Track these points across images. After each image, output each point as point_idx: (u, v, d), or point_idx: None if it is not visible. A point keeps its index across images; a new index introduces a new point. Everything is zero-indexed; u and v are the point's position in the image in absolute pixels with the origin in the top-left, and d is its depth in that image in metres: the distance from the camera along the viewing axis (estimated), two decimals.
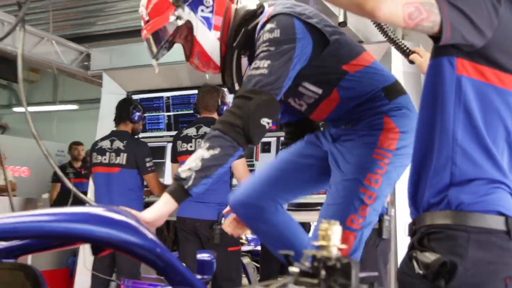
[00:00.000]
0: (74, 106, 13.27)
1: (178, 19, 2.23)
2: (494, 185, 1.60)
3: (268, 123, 2.09)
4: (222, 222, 4.55)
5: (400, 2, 1.49)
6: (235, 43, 2.30)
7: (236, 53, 2.32)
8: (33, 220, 1.58)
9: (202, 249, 4.47)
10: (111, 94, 6.07)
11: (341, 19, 3.90)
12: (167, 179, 5.49)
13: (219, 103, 4.87)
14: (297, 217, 4.80)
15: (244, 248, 6.10)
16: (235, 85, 2.38)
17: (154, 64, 2.42)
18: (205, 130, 4.73)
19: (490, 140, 1.60)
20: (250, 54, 2.34)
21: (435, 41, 1.59)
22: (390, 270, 4.28)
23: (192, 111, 5.57)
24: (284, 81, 2.14)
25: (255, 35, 2.25)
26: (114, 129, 5.30)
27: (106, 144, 5.15)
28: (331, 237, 1.22)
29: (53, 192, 9.03)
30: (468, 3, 1.52)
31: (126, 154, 5.04)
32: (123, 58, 6.19)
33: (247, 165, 4.93)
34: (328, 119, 2.53)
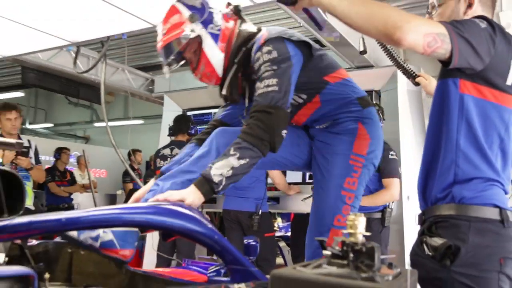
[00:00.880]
0: (141, 121, 13.41)
1: (192, 32, 2.17)
2: (490, 183, 1.66)
3: (285, 134, 2.06)
4: (259, 213, 4.60)
5: (421, 33, 1.52)
6: (237, 59, 2.25)
7: (235, 68, 2.27)
8: (125, 212, 1.63)
9: (244, 235, 4.50)
10: (170, 111, 6.15)
11: (361, 49, 3.88)
12: None
13: None
14: None
15: (277, 234, 6.10)
16: (225, 91, 2.30)
17: (165, 71, 2.32)
18: None
19: (486, 146, 1.66)
20: (244, 70, 2.30)
21: (444, 65, 1.62)
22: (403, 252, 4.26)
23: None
24: (289, 95, 2.11)
25: (252, 54, 2.22)
26: (172, 139, 5.34)
27: (167, 151, 5.17)
28: (358, 226, 1.24)
29: (126, 189, 9.20)
30: (472, 35, 1.57)
31: None
32: (180, 83, 6.27)
33: None
34: (307, 122, 2.46)
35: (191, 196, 1.83)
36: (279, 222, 7.97)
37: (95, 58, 5.25)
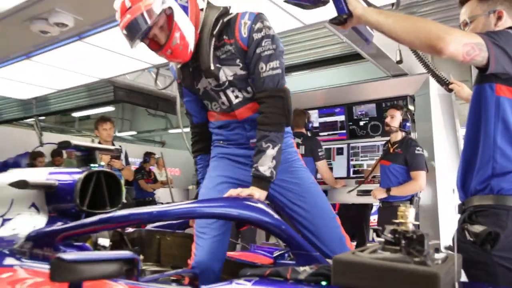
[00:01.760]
0: None
1: (163, 4, 1.81)
2: None
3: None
4: None
5: (460, 43, 1.48)
6: (215, 31, 1.92)
7: (214, 40, 1.94)
8: (207, 206, 1.65)
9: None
10: None
11: (398, 59, 3.79)
12: None
13: (306, 121, 4.82)
14: (361, 200, 4.82)
15: None
16: (211, 65, 1.95)
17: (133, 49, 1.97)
18: (297, 140, 4.71)
19: None
20: (220, 41, 1.98)
21: (481, 71, 1.58)
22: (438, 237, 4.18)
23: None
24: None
25: (238, 26, 1.92)
26: None
27: None
28: (408, 216, 1.21)
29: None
30: (507, 43, 1.54)
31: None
32: None
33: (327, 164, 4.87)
34: (250, 118, 2.06)
35: (257, 192, 1.79)
36: None
37: (171, 78, 5.37)
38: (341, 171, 5.14)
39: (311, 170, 4.63)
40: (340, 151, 5.24)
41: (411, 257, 1.19)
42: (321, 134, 5.33)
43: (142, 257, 1.59)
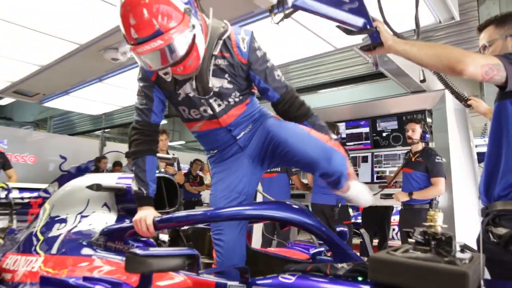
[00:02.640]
0: None
1: (193, 27, 1.58)
2: None
3: None
4: (339, 206, 4.50)
5: (479, 64, 1.45)
6: (216, 52, 1.74)
7: (213, 59, 1.74)
8: (255, 209, 1.63)
9: (327, 223, 4.41)
10: None
11: (421, 78, 3.71)
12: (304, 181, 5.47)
13: (335, 133, 4.76)
14: (384, 202, 4.73)
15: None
16: (210, 83, 1.76)
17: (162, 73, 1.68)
18: None
19: None
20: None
21: (501, 89, 1.54)
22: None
23: None
24: None
25: (235, 43, 1.75)
26: None
27: None
28: (437, 220, 1.18)
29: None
30: None
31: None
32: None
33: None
34: (231, 125, 1.89)
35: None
36: (350, 212, 7.80)
37: None
38: (366, 177, 5.07)
39: None
40: (365, 159, 5.17)
41: (441, 257, 1.16)
42: (348, 144, 5.27)
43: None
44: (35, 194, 3.88)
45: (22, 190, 4.12)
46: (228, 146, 1.94)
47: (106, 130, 9.88)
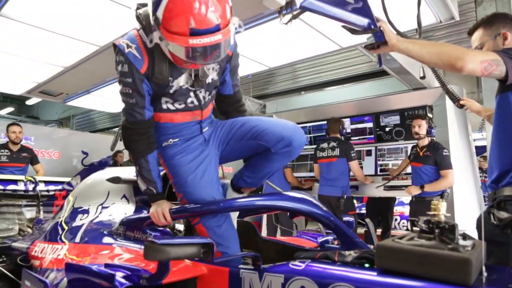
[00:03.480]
0: None
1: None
2: None
3: None
4: (344, 197, 4.47)
5: (477, 61, 1.44)
6: None
7: None
8: (266, 199, 1.63)
9: (333, 214, 4.37)
10: None
11: (421, 75, 3.66)
12: (304, 174, 5.44)
13: (340, 128, 4.75)
14: (387, 194, 4.69)
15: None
16: (208, 75, 1.70)
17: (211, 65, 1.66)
18: (333, 144, 4.65)
19: None
20: None
21: (502, 82, 1.53)
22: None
23: (323, 133, 5.51)
24: None
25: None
26: None
27: None
28: (440, 209, 1.16)
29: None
30: None
31: None
32: (284, 106, 6.27)
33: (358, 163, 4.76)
34: (208, 116, 1.86)
35: None
36: (355, 203, 7.75)
37: None
38: (369, 170, 5.03)
39: (345, 168, 4.58)
40: (369, 153, 5.13)
41: (445, 244, 1.14)
42: (352, 138, 5.23)
43: None
44: (60, 187, 3.92)
45: (47, 183, 4.16)
46: (193, 136, 1.82)
47: None
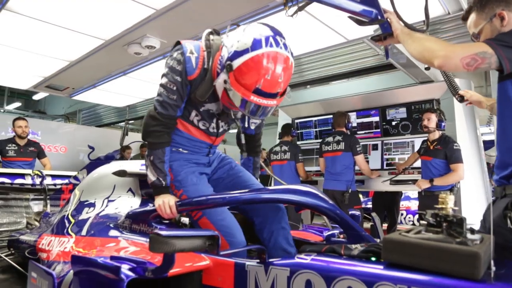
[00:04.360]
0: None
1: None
2: None
3: None
4: (349, 191, 4.46)
5: (458, 57, 1.36)
6: None
7: None
8: (271, 192, 1.62)
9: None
10: (283, 120, 6.14)
11: (426, 66, 3.63)
12: (315, 168, 5.42)
13: (346, 122, 4.71)
14: (393, 188, 4.66)
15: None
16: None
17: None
18: (338, 138, 4.62)
19: None
20: None
21: (500, 72, 1.41)
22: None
23: (329, 127, 5.49)
24: None
25: None
26: (280, 139, 5.27)
27: (277, 148, 5.11)
28: (448, 202, 1.14)
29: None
30: None
31: (289, 153, 4.99)
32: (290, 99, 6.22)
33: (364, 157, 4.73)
34: (216, 145, 2.05)
35: None
36: (361, 197, 7.73)
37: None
38: (376, 164, 5.00)
39: (350, 163, 4.56)
40: (375, 147, 5.10)
41: (452, 238, 1.12)
42: (358, 132, 5.20)
43: None
44: (66, 181, 3.94)
45: (54, 177, 4.19)
46: (201, 155, 1.97)
47: (130, 122, 9.95)
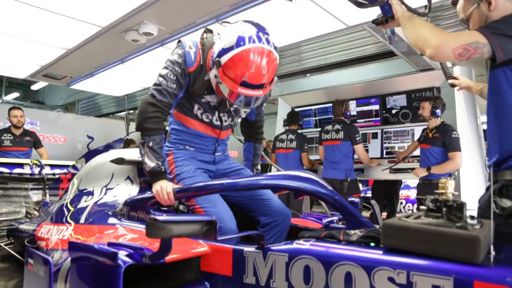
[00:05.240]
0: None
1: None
2: None
3: None
4: (348, 180, 4.45)
5: (450, 48, 1.34)
6: None
7: None
8: (270, 178, 1.61)
9: None
10: (283, 109, 6.12)
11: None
12: (315, 156, 5.41)
13: (344, 110, 4.68)
14: (393, 176, 4.66)
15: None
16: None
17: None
18: (337, 126, 4.61)
19: None
20: None
21: (493, 61, 1.39)
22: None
23: (329, 116, 5.46)
24: None
25: None
26: (286, 128, 5.25)
27: (283, 136, 5.09)
28: (448, 187, 1.13)
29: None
30: (509, 29, 1.34)
31: (295, 142, 4.98)
32: (289, 88, 6.19)
33: (364, 146, 4.72)
34: (222, 141, 2.07)
35: None
36: (360, 187, 7.73)
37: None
38: (375, 153, 4.99)
39: (349, 152, 4.56)
40: (375, 135, 5.08)
41: (452, 222, 1.11)
42: (358, 121, 5.18)
43: None
44: (65, 170, 3.93)
45: (53, 166, 4.18)
46: (207, 153, 2.02)
47: (130, 112, 9.92)
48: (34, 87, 11.63)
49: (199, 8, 2.96)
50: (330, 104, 5.37)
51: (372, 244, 1.23)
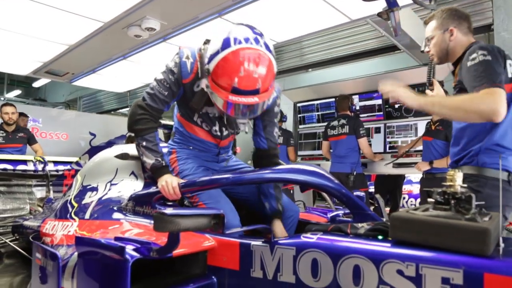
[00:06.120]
0: None
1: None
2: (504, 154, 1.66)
3: None
4: (354, 173, 4.44)
5: (502, 104, 1.48)
6: None
7: None
8: (276, 172, 1.60)
9: None
10: (284, 104, 6.10)
11: (422, 49, 3.56)
12: (311, 152, 5.40)
13: (349, 104, 4.68)
14: (396, 171, 4.65)
15: None
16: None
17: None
18: (342, 121, 4.59)
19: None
20: None
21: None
22: None
23: (332, 111, 5.45)
24: None
25: None
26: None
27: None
28: (456, 179, 1.12)
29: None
30: (494, 71, 1.54)
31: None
32: (291, 83, 6.17)
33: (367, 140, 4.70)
34: (224, 147, 2.04)
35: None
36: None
37: None
38: (378, 147, 4.98)
39: (355, 145, 4.55)
40: (378, 130, 5.07)
41: (461, 214, 1.11)
42: (361, 115, 5.16)
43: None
44: (68, 167, 3.94)
45: (56, 163, 4.19)
46: (211, 154, 2.02)
47: None
48: (36, 85, 11.63)
49: (202, 2, 2.95)
50: (333, 99, 5.35)
51: (380, 237, 1.23)
